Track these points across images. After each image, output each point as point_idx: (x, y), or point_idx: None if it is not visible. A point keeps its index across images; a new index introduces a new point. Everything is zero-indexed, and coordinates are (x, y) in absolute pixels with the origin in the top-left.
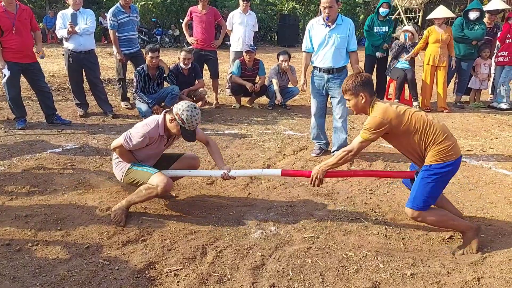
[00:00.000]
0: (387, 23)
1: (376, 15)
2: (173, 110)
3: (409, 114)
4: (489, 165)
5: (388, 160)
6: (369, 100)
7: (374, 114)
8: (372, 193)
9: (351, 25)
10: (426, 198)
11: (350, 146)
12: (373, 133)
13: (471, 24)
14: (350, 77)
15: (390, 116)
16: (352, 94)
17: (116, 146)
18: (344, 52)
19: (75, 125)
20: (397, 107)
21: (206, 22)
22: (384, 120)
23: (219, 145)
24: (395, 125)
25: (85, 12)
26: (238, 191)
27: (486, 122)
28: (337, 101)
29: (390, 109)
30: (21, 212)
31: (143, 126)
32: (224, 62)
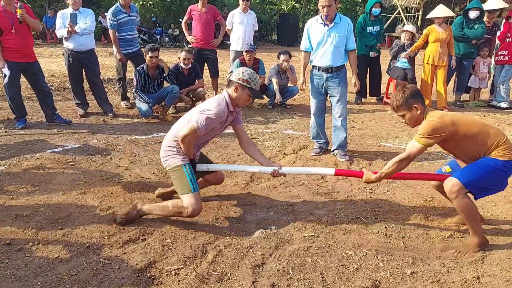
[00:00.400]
0: (378, 22)
1: (367, 15)
2: (233, 79)
3: (464, 119)
4: None
5: (388, 159)
6: (423, 109)
7: (431, 119)
8: (372, 192)
9: (349, 24)
10: (476, 178)
11: (406, 153)
12: (430, 137)
13: (471, 23)
14: (398, 92)
15: (447, 121)
16: (405, 108)
17: (189, 133)
18: (342, 51)
19: (75, 125)
20: (452, 114)
21: (206, 21)
22: (442, 125)
23: (219, 144)
24: (453, 131)
25: (85, 12)
26: (238, 190)
27: (486, 121)
28: (336, 100)
29: (446, 116)
30: (22, 212)
31: (216, 107)
32: (223, 62)
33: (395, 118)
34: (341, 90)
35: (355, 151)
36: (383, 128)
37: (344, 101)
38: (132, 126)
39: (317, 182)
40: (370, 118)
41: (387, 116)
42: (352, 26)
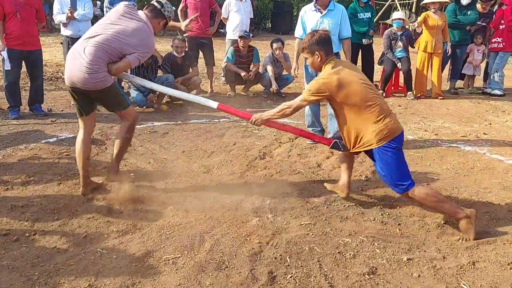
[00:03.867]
0: (369, 8)
1: (357, 2)
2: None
3: (355, 87)
4: (483, 151)
5: None
6: (325, 59)
7: (318, 77)
8: (368, 180)
9: (343, 11)
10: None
11: (291, 102)
12: (312, 95)
13: (464, 9)
14: (308, 34)
15: (333, 83)
16: (308, 52)
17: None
18: (336, 39)
19: (69, 115)
20: (347, 76)
21: (201, 9)
22: (324, 86)
23: (215, 133)
24: (335, 94)
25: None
26: (235, 179)
27: (480, 108)
28: None
29: (335, 77)
30: (17, 202)
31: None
32: (218, 50)
33: (390, 106)
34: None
35: None
36: None
37: None
38: None
39: (314, 170)
40: None
41: None
42: (347, 14)
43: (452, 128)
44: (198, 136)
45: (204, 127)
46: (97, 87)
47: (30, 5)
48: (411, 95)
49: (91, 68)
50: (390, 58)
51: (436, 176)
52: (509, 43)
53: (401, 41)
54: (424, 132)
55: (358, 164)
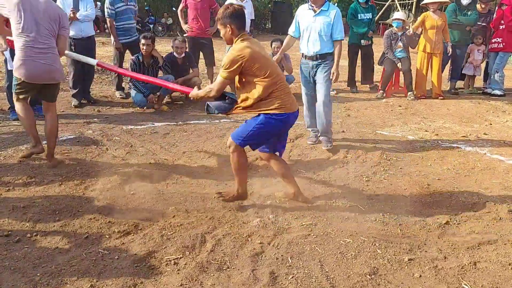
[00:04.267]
0: (370, 9)
1: (358, 2)
2: None
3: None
4: (484, 151)
5: (384, 148)
6: (237, 33)
7: (230, 51)
8: (368, 180)
9: (337, 13)
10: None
11: (212, 85)
12: (229, 71)
13: (464, 9)
14: (223, 7)
15: (246, 55)
16: (221, 24)
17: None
18: (328, 39)
19: (70, 115)
20: (258, 50)
21: (201, 9)
22: (238, 56)
23: (216, 134)
24: (248, 66)
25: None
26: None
27: (481, 108)
28: (319, 87)
29: (248, 50)
30: (19, 203)
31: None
32: (219, 51)
33: (391, 106)
34: (324, 77)
35: (351, 139)
36: (378, 116)
37: (327, 88)
38: (127, 116)
39: (315, 171)
40: (366, 106)
41: (382, 104)
42: (341, 16)
43: (453, 128)
44: (199, 136)
45: (204, 128)
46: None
47: None
48: (412, 95)
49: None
50: (390, 58)
51: (437, 177)
52: (509, 43)
53: (401, 41)
54: (425, 132)
55: (359, 165)
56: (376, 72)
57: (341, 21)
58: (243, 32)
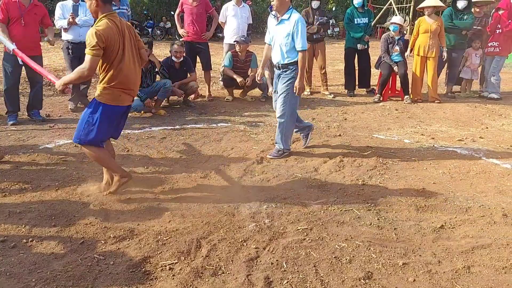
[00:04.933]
0: (366, 14)
1: (354, 7)
2: None
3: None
4: (479, 155)
5: (380, 152)
6: (101, 6)
7: (93, 28)
8: (364, 184)
9: (297, 22)
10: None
11: (84, 64)
12: (95, 48)
13: (459, 14)
14: None
15: (110, 33)
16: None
17: None
18: (289, 49)
19: (67, 120)
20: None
21: (197, 14)
22: (104, 33)
23: (213, 138)
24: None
25: (84, 5)
26: (232, 183)
27: (477, 112)
28: (278, 98)
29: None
30: (15, 209)
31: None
32: (217, 54)
33: (387, 110)
34: (282, 88)
35: (348, 143)
36: (375, 120)
37: (285, 101)
38: None
39: (311, 174)
40: (363, 110)
41: (379, 108)
42: (301, 25)
43: (449, 132)
44: (196, 141)
45: (201, 132)
46: None
47: (35, 13)
48: (408, 99)
49: None
50: (387, 62)
51: (432, 181)
52: (505, 47)
53: (398, 45)
54: (421, 136)
55: (355, 169)
56: (373, 76)
57: (302, 30)
58: (111, 11)
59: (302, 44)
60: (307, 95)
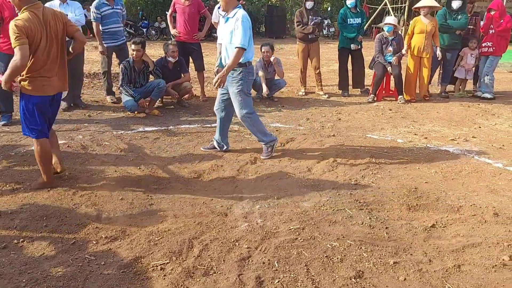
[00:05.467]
0: (359, 14)
1: (347, 8)
2: None
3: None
4: (471, 154)
5: (373, 152)
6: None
7: (12, 21)
8: (357, 184)
9: (238, 19)
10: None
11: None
12: (17, 38)
13: (454, 14)
14: None
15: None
16: None
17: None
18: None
19: (60, 121)
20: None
21: (189, 14)
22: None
23: (206, 138)
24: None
25: (73, 5)
26: (225, 184)
27: (470, 111)
28: (233, 103)
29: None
30: (6, 209)
31: None
32: (211, 55)
33: (381, 110)
34: (234, 91)
35: (341, 143)
36: (369, 120)
37: (239, 103)
38: (118, 121)
39: (304, 174)
40: (357, 110)
41: (373, 108)
42: (243, 22)
43: (442, 132)
44: (190, 141)
45: (195, 132)
46: None
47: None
48: (402, 99)
49: None
50: (381, 62)
51: (424, 180)
52: (498, 48)
53: (391, 46)
54: (414, 135)
55: (348, 168)
56: (367, 76)
57: (243, 27)
58: (33, 3)
59: (241, 41)
60: (301, 95)
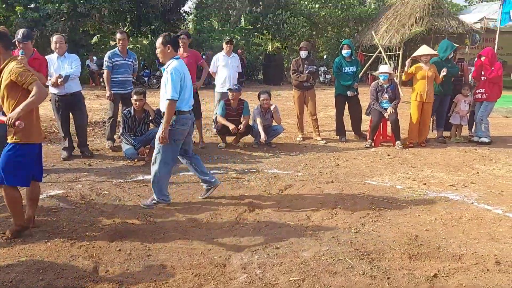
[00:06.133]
0: (354, 63)
1: (342, 56)
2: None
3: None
4: (471, 200)
5: (372, 198)
6: (4, 54)
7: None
8: (357, 232)
9: (169, 71)
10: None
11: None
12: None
13: (447, 62)
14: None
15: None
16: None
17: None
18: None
19: (60, 170)
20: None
21: (188, 65)
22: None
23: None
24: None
25: (70, 57)
26: (223, 233)
27: (468, 157)
28: (155, 144)
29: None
30: (3, 262)
31: None
32: (210, 102)
33: (379, 156)
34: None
35: (340, 190)
36: (367, 165)
37: (160, 149)
38: (118, 170)
39: (303, 222)
40: (355, 155)
41: (371, 153)
42: (172, 75)
43: (440, 178)
44: (188, 188)
45: (194, 179)
46: None
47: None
48: (400, 145)
49: None
50: (377, 108)
51: (424, 227)
52: (492, 94)
53: (387, 93)
54: (413, 181)
55: (348, 216)
56: (364, 122)
57: (172, 79)
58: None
59: (171, 93)
60: (299, 141)
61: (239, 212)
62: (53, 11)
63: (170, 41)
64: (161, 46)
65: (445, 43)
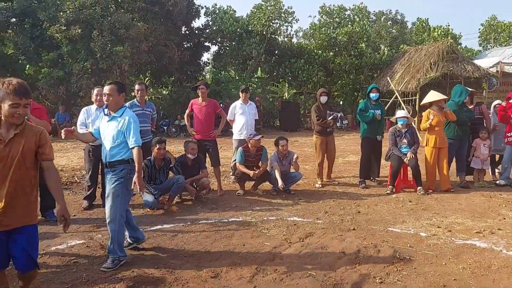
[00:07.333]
0: (379, 106)
1: (368, 99)
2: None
3: None
4: (499, 248)
5: (396, 247)
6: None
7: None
8: (382, 282)
9: (129, 120)
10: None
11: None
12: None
13: (463, 107)
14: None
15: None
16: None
17: None
18: (118, 146)
19: (80, 220)
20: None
21: (206, 114)
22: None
23: (224, 234)
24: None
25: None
26: (243, 284)
27: (493, 202)
28: (107, 199)
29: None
30: None
31: None
32: (228, 149)
33: (401, 202)
34: (112, 190)
35: (362, 237)
36: (389, 212)
37: (114, 204)
38: (137, 219)
39: (325, 272)
40: (376, 202)
41: (392, 199)
42: (134, 123)
43: (466, 224)
44: (207, 237)
45: (213, 228)
46: None
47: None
48: (421, 190)
49: None
50: (396, 154)
51: (452, 277)
52: None
53: (405, 138)
54: (437, 228)
55: (371, 265)
56: (383, 166)
57: (134, 127)
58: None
59: (136, 140)
60: (318, 187)
61: (259, 262)
62: (76, 69)
63: (124, 89)
64: (116, 94)
65: (459, 87)
